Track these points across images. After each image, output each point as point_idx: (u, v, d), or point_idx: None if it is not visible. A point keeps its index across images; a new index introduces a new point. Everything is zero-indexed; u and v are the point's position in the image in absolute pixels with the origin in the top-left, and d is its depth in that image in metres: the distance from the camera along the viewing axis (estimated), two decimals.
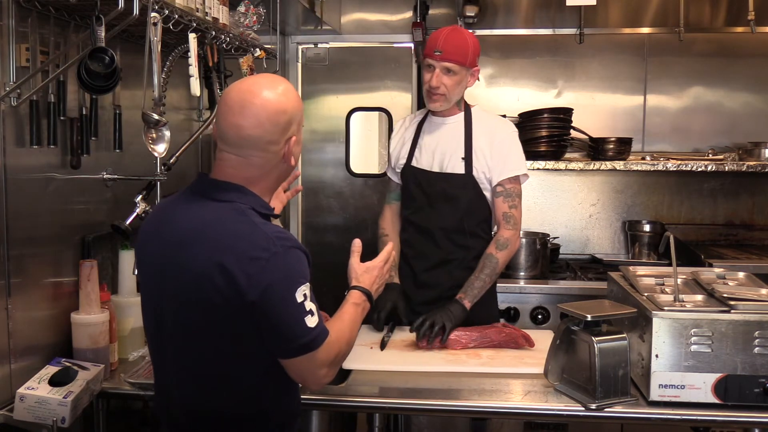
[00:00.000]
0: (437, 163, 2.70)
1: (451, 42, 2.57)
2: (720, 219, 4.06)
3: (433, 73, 2.59)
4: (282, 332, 1.61)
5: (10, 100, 1.97)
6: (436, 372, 2.25)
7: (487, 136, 2.67)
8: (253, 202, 1.69)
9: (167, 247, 1.68)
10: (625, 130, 3.99)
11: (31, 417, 1.90)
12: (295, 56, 4.46)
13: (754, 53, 3.98)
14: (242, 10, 2.78)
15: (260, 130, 1.65)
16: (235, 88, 1.69)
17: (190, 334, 1.67)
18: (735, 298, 2.03)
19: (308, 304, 1.62)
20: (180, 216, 1.70)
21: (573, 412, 2.00)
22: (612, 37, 4.06)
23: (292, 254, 1.63)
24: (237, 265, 1.57)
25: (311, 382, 1.72)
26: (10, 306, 1.98)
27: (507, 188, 2.65)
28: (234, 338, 1.63)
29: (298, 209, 4.56)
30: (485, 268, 2.59)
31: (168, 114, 2.40)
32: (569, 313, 2.04)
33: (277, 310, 1.59)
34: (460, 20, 3.96)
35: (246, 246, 1.59)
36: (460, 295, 2.54)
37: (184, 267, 1.63)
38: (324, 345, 1.66)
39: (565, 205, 4.15)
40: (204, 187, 1.72)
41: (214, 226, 1.63)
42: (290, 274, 1.61)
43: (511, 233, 2.63)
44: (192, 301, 1.63)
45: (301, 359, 1.64)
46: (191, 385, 1.71)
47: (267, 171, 1.71)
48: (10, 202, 1.97)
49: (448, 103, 2.65)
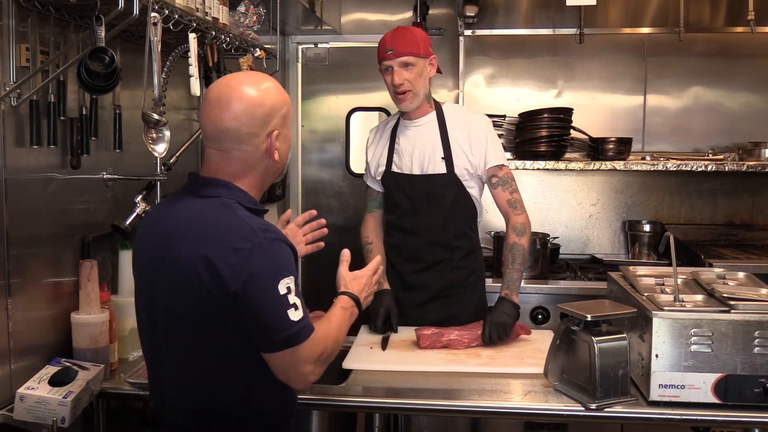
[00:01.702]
0: (417, 165, 2.69)
1: (399, 38, 2.60)
2: (720, 219, 4.06)
3: (392, 73, 2.60)
4: (264, 324, 1.60)
5: (10, 100, 1.97)
6: (436, 372, 2.25)
7: (463, 130, 2.67)
8: (240, 196, 1.69)
9: (156, 244, 1.70)
10: (625, 130, 3.99)
11: (31, 417, 1.90)
12: (295, 56, 4.46)
13: (754, 53, 3.98)
14: (242, 10, 2.78)
15: (237, 122, 1.66)
16: (216, 84, 1.73)
17: (180, 332, 1.67)
18: (735, 298, 2.03)
19: (292, 298, 1.61)
20: (168, 214, 1.72)
21: (573, 412, 2.00)
22: (612, 37, 4.06)
23: (276, 246, 1.62)
24: (220, 256, 1.57)
25: (295, 379, 1.69)
26: (10, 306, 1.98)
27: (501, 176, 2.66)
28: (222, 334, 1.63)
29: (298, 209, 4.55)
30: (516, 258, 2.61)
31: (168, 114, 2.40)
32: (569, 313, 2.04)
33: (258, 302, 1.58)
34: (460, 20, 3.97)
35: (229, 237, 1.60)
36: (505, 292, 2.56)
37: (172, 263, 1.64)
38: (309, 341, 1.64)
39: (565, 205, 4.15)
40: (192, 184, 1.74)
41: (199, 221, 1.65)
42: (273, 266, 1.60)
43: (523, 217, 2.66)
44: (181, 297, 1.63)
45: (284, 354, 1.62)
46: (184, 383, 1.71)
47: (250, 165, 1.71)
48: (10, 202, 1.97)
49: (417, 98, 2.64)
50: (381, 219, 2.85)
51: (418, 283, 2.71)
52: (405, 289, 2.72)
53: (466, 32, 4.04)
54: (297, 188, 4.52)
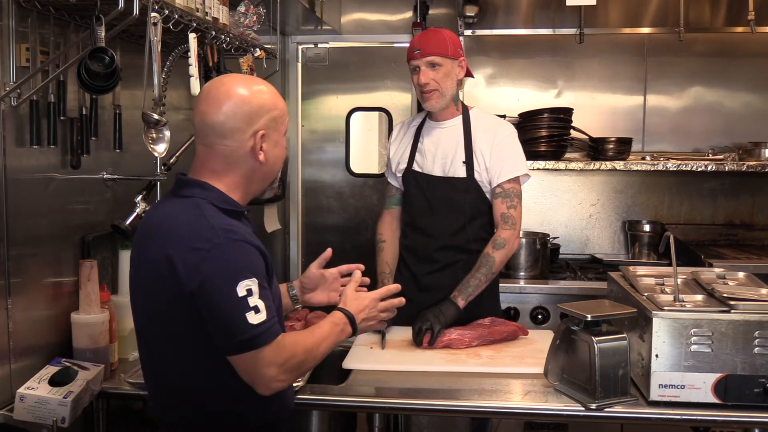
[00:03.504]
0: (439, 166, 2.69)
1: (428, 39, 2.62)
2: (720, 219, 4.06)
3: (419, 72, 2.61)
4: (222, 326, 1.57)
5: (10, 100, 1.96)
6: (436, 372, 2.25)
7: (487, 137, 2.67)
8: (214, 197, 1.67)
9: (135, 246, 1.73)
10: (625, 130, 3.99)
11: (31, 417, 1.90)
12: (295, 56, 4.46)
13: (754, 53, 3.98)
14: (242, 10, 2.78)
15: (222, 116, 1.65)
16: (210, 81, 1.74)
17: (154, 331, 1.68)
18: (735, 298, 2.02)
19: (253, 300, 1.56)
20: (154, 214, 1.74)
21: (573, 412, 1.99)
22: (612, 37, 4.06)
23: (238, 247, 1.59)
24: (179, 256, 1.57)
25: (259, 383, 1.62)
26: (10, 306, 1.98)
27: (506, 189, 2.65)
28: (189, 334, 1.62)
29: (298, 209, 4.56)
30: (481, 267, 2.59)
31: (168, 114, 2.40)
32: (569, 313, 2.04)
33: (215, 304, 1.56)
34: (460, 20, 3.97)
35: (189, 236, 1.59)
36: (454, 294, 2.55)
37: (143, 262, 1.67)
38: (272, 344, 1.60)
39: (565, 205, 4.16)
40: (175, 185, 1.75)
41: (168, 220, 1.65)
42: (231, 267, 1.57)
43: (508, 233, 2.63)
44: (151, 297, 1.65)
45: (245, 357, 1.59)
46: (167, 384, 1.71)
47: (232, 163, 1.69)
48: (10, 202, 1.97)
49: (444, 98, 2.65)
50: (398, 216, 2.86)
51: (433, 284, 2.70)
52: (419, 290, 2.72)
53: (466, 32, 4.05)
54: (297, 188, 4.52)
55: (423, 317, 2.47)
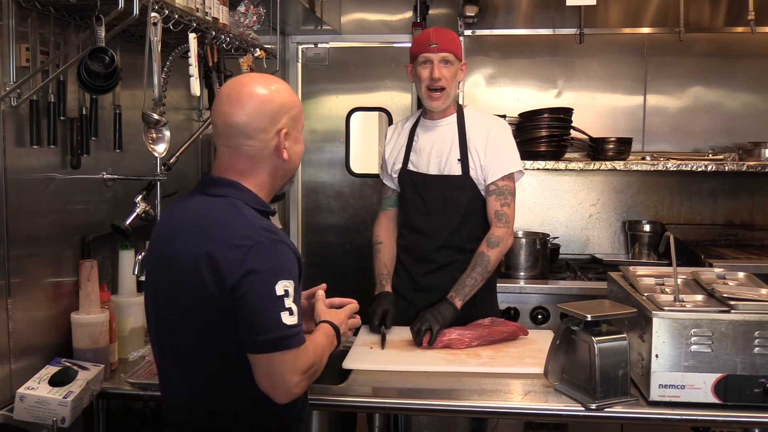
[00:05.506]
0: (434, 165, 2.69)
1: (444, 35, 2.63)
2: (720, 219, 4.06)
3: (431, 66, 2.60)
4: (254, 322, 1.56)
5: (10, 100, 1.96)
6: (436, 372, 2.25)
7: (481, 135, 2.67)
8: (248, 198, 1.69)
9: (161, 243, 1.71)
10: (625, 130, 3.99)
11: (31, 417, 1.90)
12: (295, 56, 4.46)
13: (754, 53, 3.98)
14: (242, 10, 2.78)
15: (246, 117, 1.66)
16: (229, 82, 1.75)
17: (184, 330, 1.67)
18: (735, 298, 2.02)
19: (288, 302, 1.57)
20: (177, 214, 1.73)
21: (573, 412, 2.00)
22: (612, 37, 4.06)
23: (278, 247, 1.61)
24: (220, 252, 1.57)
25: (280, 389, 1.60)
26: (10, 306, 1.98)
27: (499, 186, 2.65)
28: (222, 334, 1.62)
29: (298, 209, 4.56)
30: (476, 266, 2.59)
31: (168, 114, 2.40)
32: (569, 313, 2.04)
33: (253, 299, 1.56)
34: (460, 20, 3.97)
35: (231, 234, 1.60)
36: (451, 294, 2.55)
37: (174, 260, 1.65)
38: (301, 349, 1.60)
39: (565, 205, 4.15)
40: (202, 183, 1.75)
41: (203, 218, 1.65)
42: (272, 266, 1.58)
43: (502, 231, 2.62)
44: (183, 294, 1.63)
45: (275, 357, 1.57)
46: (190, 383, 1.70)
47: (258, 162, 1.71)
48: (10, 202, 1.97)
49: (449, 98, 2.66)
50: (394, 217, 2.86)
51: (430, 284, 2.70)
52: (416, 290, 2.72)
53: (466, 32, 4.05)
54: (297, 188, 4.53)
55: (422, 318, 2.47)
